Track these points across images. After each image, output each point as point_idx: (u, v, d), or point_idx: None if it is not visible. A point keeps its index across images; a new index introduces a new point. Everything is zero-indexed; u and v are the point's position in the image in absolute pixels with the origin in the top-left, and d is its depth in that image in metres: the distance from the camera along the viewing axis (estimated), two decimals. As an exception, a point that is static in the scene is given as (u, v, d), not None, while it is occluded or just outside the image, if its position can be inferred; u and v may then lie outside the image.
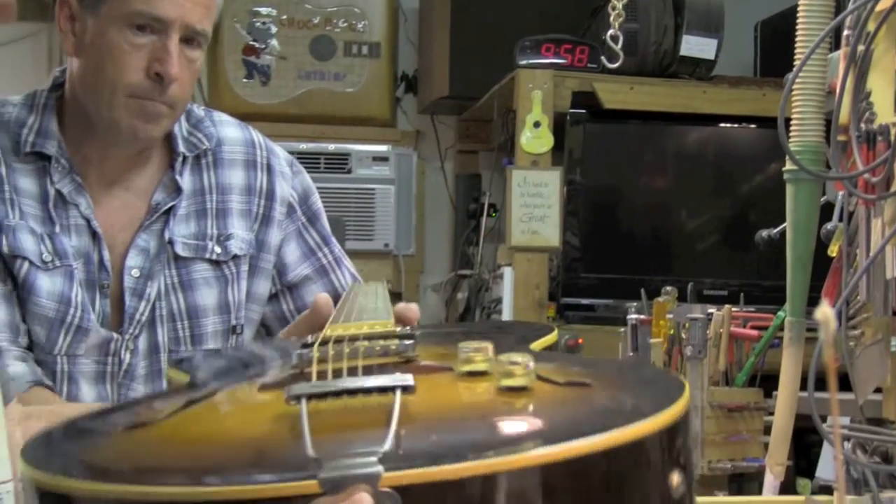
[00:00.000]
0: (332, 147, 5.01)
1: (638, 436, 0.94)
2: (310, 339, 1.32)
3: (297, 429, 0.96)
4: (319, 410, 1.02)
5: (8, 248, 1.97)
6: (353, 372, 1.14)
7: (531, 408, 1.04)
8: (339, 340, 1.28)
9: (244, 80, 4.98)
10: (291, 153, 4.70)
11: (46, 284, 1.99)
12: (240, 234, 2.11)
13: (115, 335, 2.01)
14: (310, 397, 1.02)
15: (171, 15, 1.95)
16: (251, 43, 4.94)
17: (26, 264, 1.98)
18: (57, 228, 2.00)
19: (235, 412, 1.20)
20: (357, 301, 1.67)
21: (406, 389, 1.02)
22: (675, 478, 0.97)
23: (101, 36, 1.97)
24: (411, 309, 1.64)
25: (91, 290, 2.01)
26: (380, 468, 0.88)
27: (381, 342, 1.23)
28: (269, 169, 2.18)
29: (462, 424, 1.04)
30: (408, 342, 1.22)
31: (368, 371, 1.14)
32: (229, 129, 2.18)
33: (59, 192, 2.01)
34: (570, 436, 0.92)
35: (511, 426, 1.01)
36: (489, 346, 1.11)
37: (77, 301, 1.99)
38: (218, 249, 2.09)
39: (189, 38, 2.00)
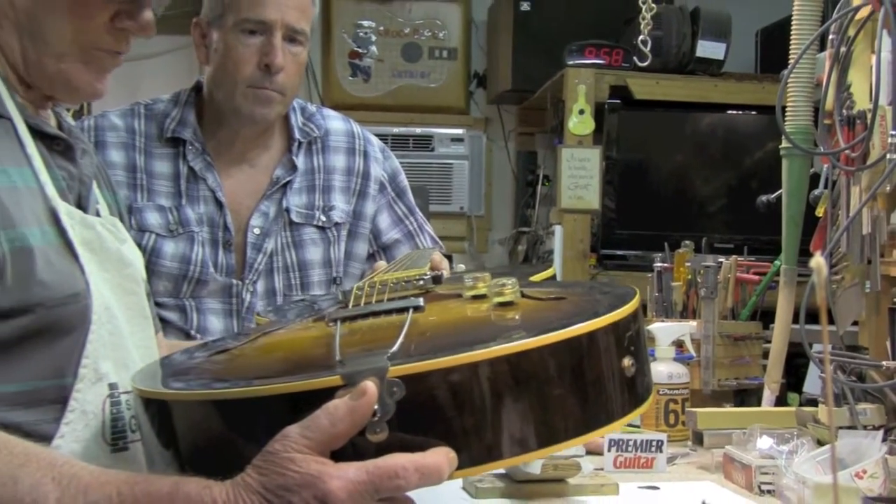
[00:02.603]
0: (418, 130, 5.01)
1: (591, 329, 0.98)
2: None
3: (332, 342, 1.01)
4: (352, 329, 1.06)
5: (136, 225, 2.03)
6: (381, 301, 1.17)
7: (513, 316, 1.08)
8: (377, 283, 1.32)
9: (350, 77, 4.99)
10: (386, 136, 4.77)
11: (171, 249, 2.04)
12: (340, 205, 2.14)
13: (235, 281, 2.06)
14: (343, 319, 1.07)
15: (272, 17, 2.00)
16: (355, 49, 4.94)
17: (153, 236, 2.04)
18: (183, 201, 2.05)
19: (290, 338, 1.23)
20: (407, 259, 1.71)
21: (417, 309, 1.06)
22: (626, 361, 1.01)
23: (223, 43, 2.03)
24: (441, 257, 1.68)
25: (214, 248, 2.06)
26: (387, 363, 0.92)
27: (406, 280, 1.27)
28: (366, 155, 2.20)
29: (456, 329, 1.08)
30: (427, 276, 1.25)
31: (394, 300, 1.17)
32: (335, 122, 2.21)
33: (191, 169, 2.07)
34: (538, 332, 0.96)
35: (493, 328, 1.06)
36: (487, 274, 1.15)
37: (197, 259, 2.05)
38: (323, 217, 2.12)
39: (291, 38, 2.04)
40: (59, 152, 1.29)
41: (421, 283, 1.26)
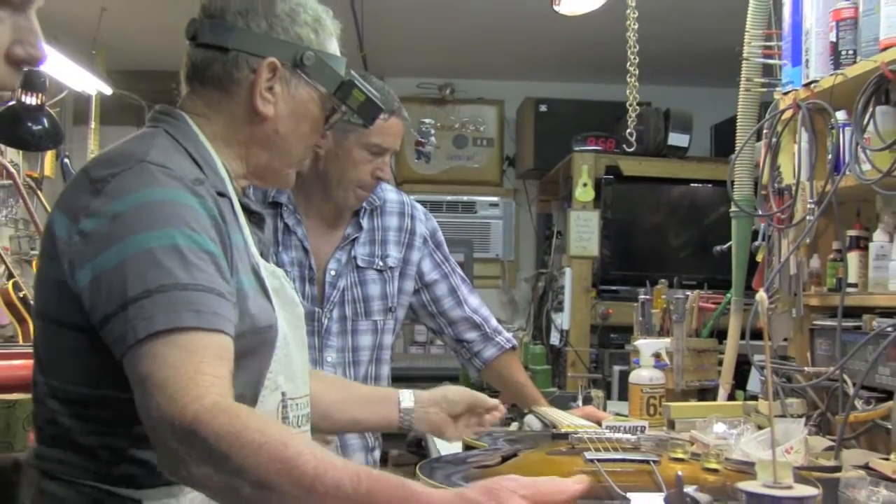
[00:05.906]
0: (465, 198, 5.06)
1: None
2: (555, 430, 1.30)
3: (602, 478, 0.94)
4: (608, 469, 0.98)
5: None
6: (615, 450, 1.11)
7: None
8: (586, 435, 1.24)
9: (416, 160, 5.05)
10: (441, 202, 4.80)
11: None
12: (393, 254, 2.11)
13: (317, 309, 2.03)
14: (600, 460, 0.99)
15: (391, 146, 1.99)
16: (419, 139, 5.00)
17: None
18: (280, 248, 2.03)
19: (547, 465, 1.11)
20: (562, 415, 1.67)
21: (655, 462, 1.00)
22: None
23: (343, 150, 1.98)
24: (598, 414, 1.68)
25: (302, 282, 2.03)
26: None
27: (625, 439, 1.21)
28: (413, 217, 2.16)
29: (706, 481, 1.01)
30: (607, 435, 1.20)
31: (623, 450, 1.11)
32: (390, 194, 2.17)
33: (286, 225, 2.05)
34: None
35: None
36: (685, 446, 1.13)
37: None
38: (381, 263, 2.09)
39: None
40: (255, 223, 1.34)
41: (636, 442, 1.18)
